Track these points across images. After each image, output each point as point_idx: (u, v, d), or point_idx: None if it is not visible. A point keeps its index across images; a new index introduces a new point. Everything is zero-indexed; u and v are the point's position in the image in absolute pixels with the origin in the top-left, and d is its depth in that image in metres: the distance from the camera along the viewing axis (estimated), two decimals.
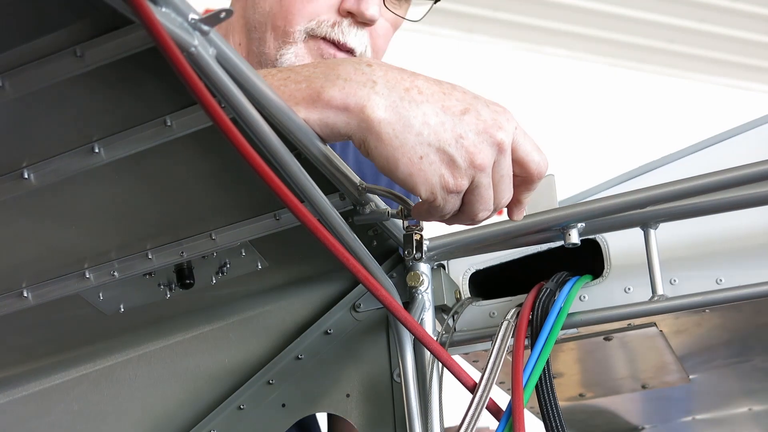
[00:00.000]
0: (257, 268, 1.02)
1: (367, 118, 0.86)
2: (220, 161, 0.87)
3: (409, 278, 1.03)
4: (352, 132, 0.87)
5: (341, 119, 0.86)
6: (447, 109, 0.88)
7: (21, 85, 0.71)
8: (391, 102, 0.86)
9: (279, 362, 1.06)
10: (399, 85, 0.88)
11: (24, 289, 0.96)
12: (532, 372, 0.94)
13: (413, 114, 0.86)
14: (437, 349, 0.89)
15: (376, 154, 0.86)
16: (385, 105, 0.86)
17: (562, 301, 1.00)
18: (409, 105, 0.87)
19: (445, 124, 0.87)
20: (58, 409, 1.10)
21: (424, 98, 0.88)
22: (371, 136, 0.86)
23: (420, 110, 0.87)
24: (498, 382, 1.22)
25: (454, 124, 0.87)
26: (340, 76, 0.88)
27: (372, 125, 0.86)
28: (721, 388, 1.39)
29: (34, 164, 0.80)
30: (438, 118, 0.87)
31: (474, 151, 0.87)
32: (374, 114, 0.86)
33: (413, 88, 0.88)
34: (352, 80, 0.87)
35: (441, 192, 0.87)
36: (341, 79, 0.87)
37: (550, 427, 0.95)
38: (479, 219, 0.92)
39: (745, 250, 1.04)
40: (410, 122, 0.86)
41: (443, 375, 1.00)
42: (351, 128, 0.86)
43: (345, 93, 0.87)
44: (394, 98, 0.87)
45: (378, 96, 0.86)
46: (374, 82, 0.87)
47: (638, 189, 1.00)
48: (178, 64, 0.60)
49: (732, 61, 4.78)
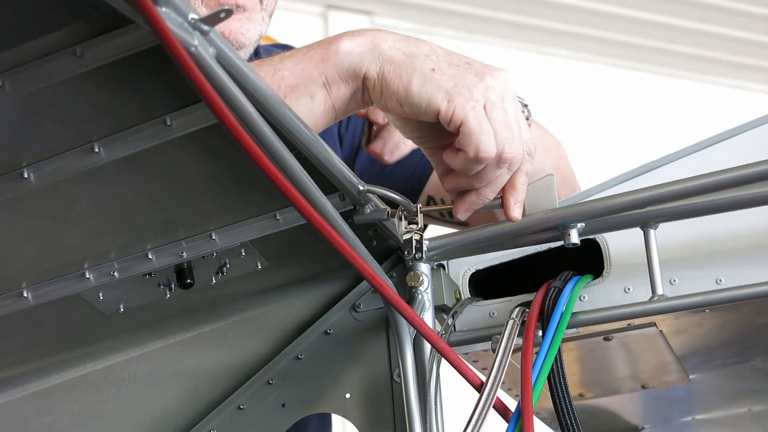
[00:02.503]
0: (257, 268, 1.02)
1: (378, 47, 0.93)
2: (220, 161, 0.87)
3: (409, 278, 1.03)
4: (366, 66, 0.93)
5: (355, 57, 0.93)
6: (451, 52, 0.95)
7: (21, 85, 0.71)
8: (398, 37, 0.95)
9: (279, 362, 1.06)
10: (401, 34, 0.96)
11: (24, 289, 0.96)
12: (541, 370, 0.94)
13: (420, 44, 0.95)
14: (444, 347, 0.89)
15: (391, 78, 0.92)
16: (393, 38, 0.95)
17: (566, 299, 1.00)
18: (415, 41, 0.95)
19: (452, 54, 0.94)
20: (58, 409, 1.10)
21: (427, 42, 0.96)
22: (385, 62, 0.93)
23: (426, 45, 0.95)
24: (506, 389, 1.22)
25: (460, 57, 0.94)
26: (347, 33, 0.96)
27: (384, 51, 0.93)
28: (721, 388, 1.39)
29: (34, 164, 0.80)
30: (444, 50, 0.95)
31: (483, 71, 0.93)
32: (385, 43, 0.94)
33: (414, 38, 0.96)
34: (358, 31, 0.96)
35: (458, 98, 0.90)
36: (348, 34, 0.96)
37: (564, 423, 0.95)
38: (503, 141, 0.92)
39: (745, 250, 1.04)
40: (419, 47, 0.94)
41: (443, 375, 1.00)
42: (365, 62, 0.93)
43: (354, 37, 0.95)
44: (399, 36, 0.95)
45: (385, 34, 0.95)
46: (379, 30, 0.96)
47: (638, 189, 0.99)
48: (183, 63, 0.60)
49: (732, 61, 4.78)
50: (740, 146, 1.09)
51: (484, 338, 1.08)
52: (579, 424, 0.96)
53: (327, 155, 0.87)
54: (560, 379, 0.97)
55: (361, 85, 0.94)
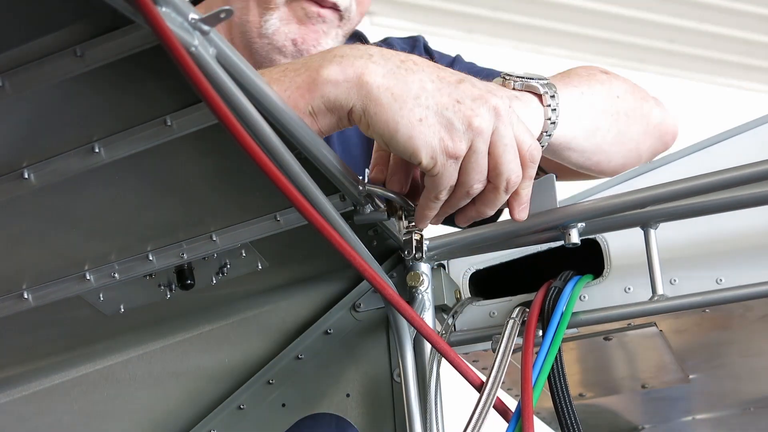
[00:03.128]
0: (257, 268, 1.02)
1: (366, 84, 0.88)
2: (220, 162, 0.87)
3: (409, 278, 1.03)
4: (352, 103, 0.88)
5: (342, 91, 0.88)
6: (442, 78, 0.90)
7: (21, 85, 0.71)
8: (388, 69, 0.89)
9: (279, 362, 1.06)
10: (395, 57, 0.90)
11: (24, 290, 0.96)
12: (541, 369, 0.94)
13: (410, 79, 0.88)
14: (444, 347, 0.89)
15: (376, 120, 0.88)
16: (382, 72, 0.88)
17: (566, 299, 1.00)
18: (405, 72, 0.89)
19: (442, 90, 0.89)
20: (58, 409, 1.10)
21: (420, 68, 0.90)
22: (371, 102, 0.88)
23: (416, 76, 0.89)
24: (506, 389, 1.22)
25: (451, 90, 0.89)
26: (336, 54, 0.90)
27: (371, 91, 0.87)
28: (721, 388, 1.39)
29: (34, 164, 0.80)
30: (434, 84, 0.89)
31: (471, 114, 0.88)
32: (372, 80, 0.88)
33: (408, 60, 0.90)
34: (348, 55, 0.90)
35: (441, 156, 0.88)
36: (338, 57, 0.90)
37: (564, 423, 0.95)
38: (474, 191, 0.92)
39: (745, 250, 1.04)
40: (408, 86, 0.88)
41: (443, 375, 1.00)
42: (351, 98, 0.88)
43: (342, 66, 0.89)
44: (390, 66, 0.89)
45: (375, 65, 0.89)
46: (370, 55, 0.89)
47: (638, 189, 1.00)
48: (183, 63, 0.60)
49: (732, 61, 4.78)
50: (740, 146, 1.09)
51: (484, 338, 1.08)
52: (579, 424, 0.96)
53: (327, 155, 0.87)
54: (560, 379, 0.97)
55: (346, 115, 0.91)
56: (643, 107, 1.28)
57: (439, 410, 0.98)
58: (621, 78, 1.26)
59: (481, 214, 0.96)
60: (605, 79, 1.22)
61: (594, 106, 1.16)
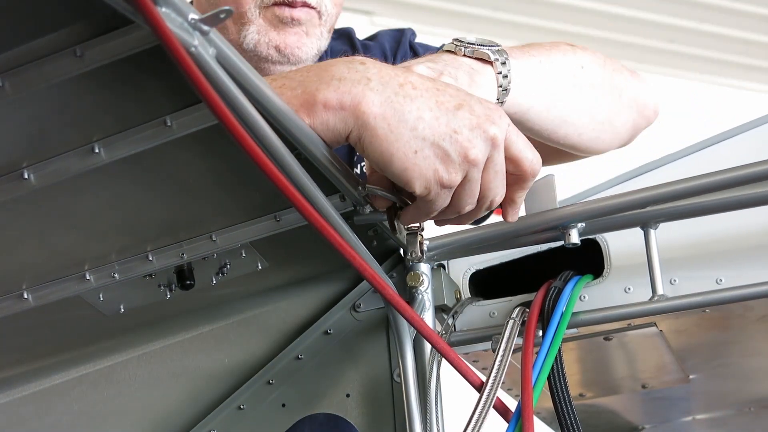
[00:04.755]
0: (257, 268, 1.02)
1: (363, 114, 0.87)
2: (220, 162, 0.87)
3: (409, 278, 1.03)
4: (349, 130, 0.87)
5: (338, 118, 0.87)
6: (441, 104, 0.89)
7: (21, 85, 0.71)
8: (386, 97, 0.87)
9: (279, 362, 1.06)
10: (393, 80, 0.89)
11: (24, 290, 0.96)
12: (541, 370, 0.94)
13: (408, 109, 0.87)
14: (444, 347, 0.89)
15: (372, 149, 0.87)
16: (380, 101, 0.87)
17: (566, 299, 1.00)
18: (403, 100, 0.88)
19: (440, 119, 0.88)
20: (58, 409, 1.10)
21: (418, 93, 0.89)
22: (367, 132, 0.87)
23: (414, 105, 0.88)
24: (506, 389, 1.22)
25: (448, 119, 0.88)
26: (334, 76, 0.88)
27: (368, 121, 0.87)
28: (722, 388, 1.39)
29: (34, 164, 0.80)
30: (432, 113, 0.88)
31: (468, 146, 0.88)
32: (369, 110, 0.87)
33: (407, 83, 0.89)
34: (346, 79, 0.88)
35: (435, 187, 0.88)
36: (335, 80, 0.88)
37: (564, 423, 0.95)
38: (464, 212, 0.92)
39: (745, 250, 1.04)
40: (405, 117, 0.87)
41: (443, 375, 1.00)
42: (348, 126, 0.87)
43: (340, 92, 0.87)
44: (388, 93, 0.88)
45: (372, 92, 0.87)
46: (368, 79, 0.88)
47: (638, 189, 1.00)
48: (183, 63, 0.60)
49: (732, 61, 4.78)
50: (740, 146, 1.09)
51: (484, 338, 1.08)
52: (579, 424, 0.96)
53: (327, 156, 0.87)
54: (560, 379, 0.97)
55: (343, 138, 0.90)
56: (614, 78, 1.24)
57: (439, 410, 0.98)
58: (590, 50, 1.23)
59: (460, 223, 0.97)
60: (568, 50, 1.19)
61: (551, 75, 1.14)
